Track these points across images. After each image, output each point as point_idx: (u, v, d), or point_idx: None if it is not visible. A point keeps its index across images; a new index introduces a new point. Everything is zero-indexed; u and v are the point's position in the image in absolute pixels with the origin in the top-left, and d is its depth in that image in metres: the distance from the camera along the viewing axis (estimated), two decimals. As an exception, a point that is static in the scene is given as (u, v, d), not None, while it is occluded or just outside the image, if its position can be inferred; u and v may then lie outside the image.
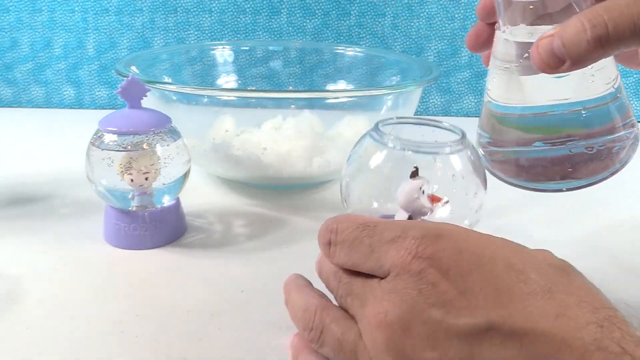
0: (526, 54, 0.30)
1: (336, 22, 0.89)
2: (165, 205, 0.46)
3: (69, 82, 0.92)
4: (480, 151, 0.34)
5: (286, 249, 0.46)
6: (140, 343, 0.34)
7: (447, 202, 0.31)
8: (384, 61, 0.72)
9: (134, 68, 0.58)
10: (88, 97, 0.93)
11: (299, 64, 0.78)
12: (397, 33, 0.89)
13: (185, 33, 0.89)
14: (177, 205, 0.48)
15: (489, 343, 0.20)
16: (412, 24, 0.88)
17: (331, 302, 0.28)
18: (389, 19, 0.88)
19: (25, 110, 0.92)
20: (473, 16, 0.82)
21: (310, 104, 0.57)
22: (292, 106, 0.58)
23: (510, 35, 0.31)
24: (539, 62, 0.27)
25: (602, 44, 0.24)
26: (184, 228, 0.49)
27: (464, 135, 0.32)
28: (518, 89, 0.31)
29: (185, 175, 0.47)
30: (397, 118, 0.33)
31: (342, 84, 0.75)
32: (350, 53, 0.75)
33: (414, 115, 0.60)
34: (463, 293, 0.21)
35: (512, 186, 0.33)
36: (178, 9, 0.88)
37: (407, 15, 0.88)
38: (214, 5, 0.88)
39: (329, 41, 0.89)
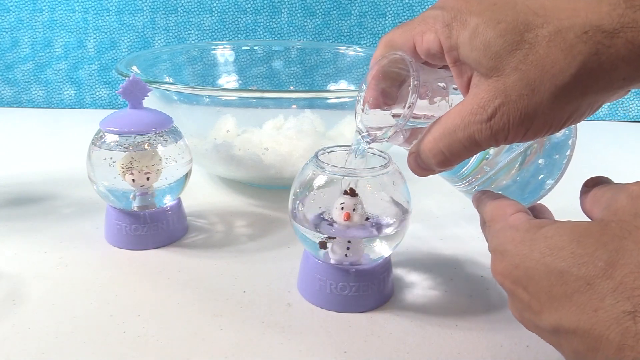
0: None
1: (337, 22, 0.89)
2: (166, 205, 0.46)
3: (70, 82, 0.92)
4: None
5: (287, 249, 0.46)
6: (142, 343, 0.34)
7: (367, 219, 0.36)
8: (385, 61, 0.72)
9: (134, 68, 0.58)
10: (89, 97, 0.93)
11: (300, 64, 0.78)
12: (398, 33, 0.88)
13: (186, 33, 0.89)
14: (179, 205, 0.48)
15: (562, 339, 0.25)
16: (413, 23, 0.88)
17: None
18: (389, 19, 0.88)
19: (25, 110, 0.92)
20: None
21: (312, 104, 0.57)
22: (293, 106, 0.57)
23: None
24: (414, 172, 0.33)
25: (446, 164, 0.31)
26: (185, 228, 0.49)
27: (389, 160, 0.37)
28: None
29: (187, 175, 0.47)
30: (335, 146, 0.39)
31: (343, 84, 0.74)
32: (351, 53, 0.75)
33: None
34: (531, 301, 0.26)
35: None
36: (179, 9, 0.88)
37: (408, 15, 0.88)
38: (215, 5, 0.88)
39: (330, 41, 0.89)
